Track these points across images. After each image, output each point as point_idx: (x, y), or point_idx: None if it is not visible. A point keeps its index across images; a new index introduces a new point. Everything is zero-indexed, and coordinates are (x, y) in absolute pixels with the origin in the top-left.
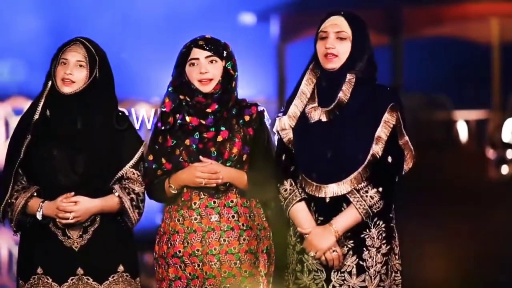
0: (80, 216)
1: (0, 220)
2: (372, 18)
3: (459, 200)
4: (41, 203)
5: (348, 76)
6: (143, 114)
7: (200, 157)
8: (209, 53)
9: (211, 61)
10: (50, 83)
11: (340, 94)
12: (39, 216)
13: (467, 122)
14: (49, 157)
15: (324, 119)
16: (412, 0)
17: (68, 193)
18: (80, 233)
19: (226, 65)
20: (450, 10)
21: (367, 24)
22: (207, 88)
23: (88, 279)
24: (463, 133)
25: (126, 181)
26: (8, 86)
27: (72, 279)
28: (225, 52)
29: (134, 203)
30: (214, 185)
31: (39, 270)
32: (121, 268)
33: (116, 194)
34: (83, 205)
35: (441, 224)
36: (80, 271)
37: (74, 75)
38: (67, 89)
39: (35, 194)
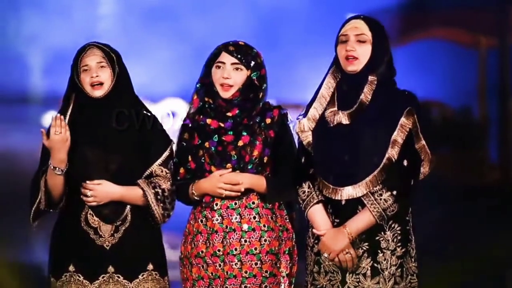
0: (97, 197)
1: (30, 222)
2: (480, 20)
3: None
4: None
5: (370, 77)
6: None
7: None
8: (235, 60)
9: (236, 68)
10: (74, 92)
11: (362, 96)
12: (58, 171)
13: None
14: (83, 159)
15: (346, 121)
16: None
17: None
18: (112, 231)
19: (251, 75)
20: None
21: (385, 29)
22: (227, 94)
23: (118, 277)
24: None
25: (155, 177)
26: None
27: (103, 277)
28: (253, 62)
29: (158, 197)
30: (235, 194)
31: (71, 268)
32: (150, 266)
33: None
34: (104, 188)
35: None
36: (111, 269)
37: (101, 76)
38: (98, 92)
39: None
